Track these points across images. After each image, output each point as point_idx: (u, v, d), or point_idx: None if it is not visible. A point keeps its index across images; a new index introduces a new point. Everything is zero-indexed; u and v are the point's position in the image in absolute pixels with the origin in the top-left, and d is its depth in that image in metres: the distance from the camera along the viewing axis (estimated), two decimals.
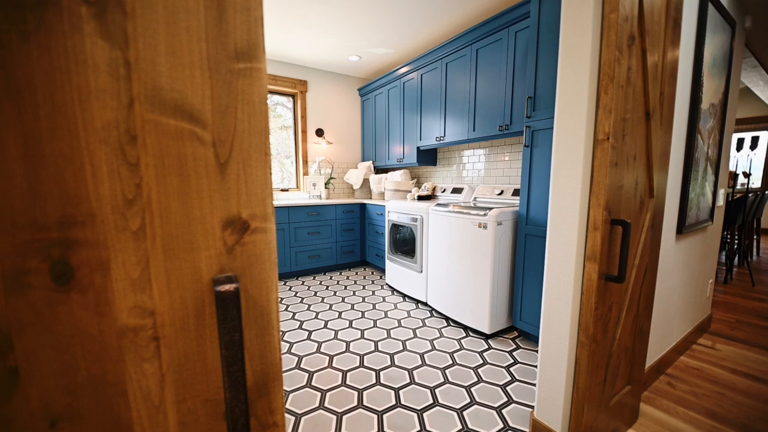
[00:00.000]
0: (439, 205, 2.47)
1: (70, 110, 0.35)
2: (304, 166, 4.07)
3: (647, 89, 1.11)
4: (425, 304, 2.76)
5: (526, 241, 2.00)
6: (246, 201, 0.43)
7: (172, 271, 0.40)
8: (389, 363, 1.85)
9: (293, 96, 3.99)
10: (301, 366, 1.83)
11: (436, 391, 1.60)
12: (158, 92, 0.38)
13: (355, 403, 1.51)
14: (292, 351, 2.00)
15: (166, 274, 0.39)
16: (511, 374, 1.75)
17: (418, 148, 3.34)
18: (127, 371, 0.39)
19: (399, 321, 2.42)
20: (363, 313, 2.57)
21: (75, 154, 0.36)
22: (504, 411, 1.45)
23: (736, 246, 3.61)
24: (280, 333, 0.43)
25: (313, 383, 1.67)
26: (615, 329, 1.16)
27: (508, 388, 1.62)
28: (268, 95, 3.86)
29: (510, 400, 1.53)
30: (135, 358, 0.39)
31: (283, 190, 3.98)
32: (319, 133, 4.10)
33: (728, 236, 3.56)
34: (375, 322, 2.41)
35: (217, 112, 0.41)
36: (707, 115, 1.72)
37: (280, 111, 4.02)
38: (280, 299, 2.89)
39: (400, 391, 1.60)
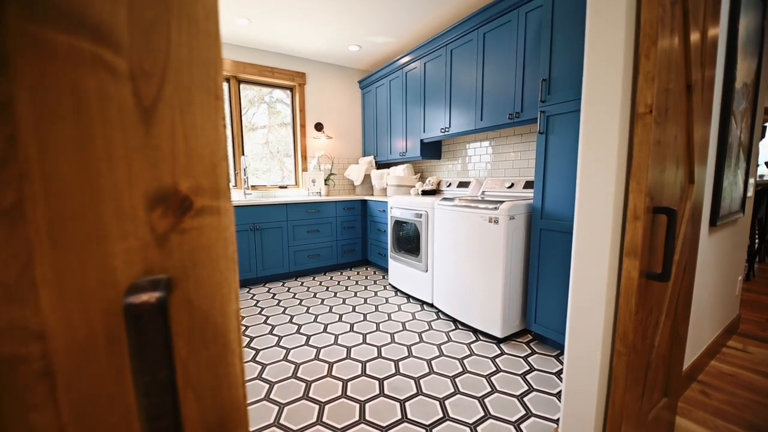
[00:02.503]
0: (445, 199, 2.33)
1: None
2: (303, 161, 3.93)
3: (689, 58, 0.96)
4: (431, 305, 2.62)
5: (541, 236, 1.85)
6: (186, 166, 0.29)
7: (69, 271, 0.26)
8: (393, 371, 1.71)
9: (291, 89, 3.86)
10: (298, 375, 1.69)
11: (446, 403, 1.46)
12: None
13: (357, 418, 1.37)
14: (289, 358, 1.86)
15: (57, 276, 0.25)
16: (527, 383, 1.60)
17: (421, 140, 3.19)
18: (2, 425, 0.25)
19: (403, 324, 2.28)
20: (365, 315, 2.43)
21: None
22: (523, 426, 1.31)
23: (757, 240, 3.44)
24: (244, 360, 0.29)
25: (310, 394, 1.53)
26: (654, 335, 1.01)
27: (525, 399, 1.48)
28: (267, 89, 3.72)
29: (528, 413, 1.38)
30: (15, 405, 0.25)
31: (281, 187, 3.85)
32: (319, 127, 3.96)
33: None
34: (377, 325, 2.27)
35: (137, 28, 0.26)
36: (740, 96, 1.57)
37: (279, 108, 3.88)
38: (277, 302, 2.75)
39: (406, 404, 1.45)
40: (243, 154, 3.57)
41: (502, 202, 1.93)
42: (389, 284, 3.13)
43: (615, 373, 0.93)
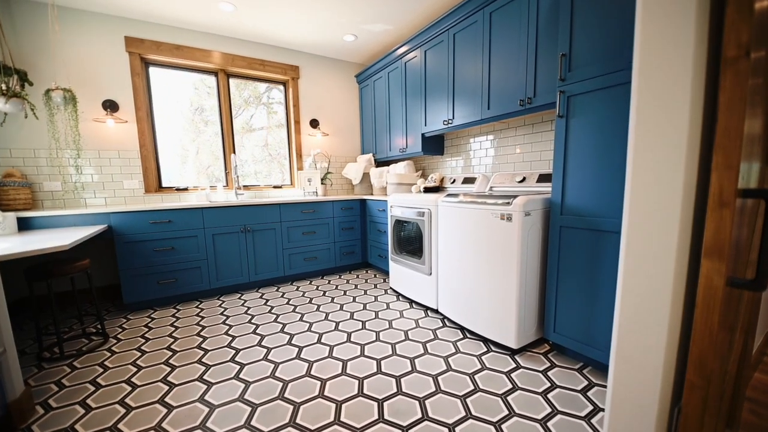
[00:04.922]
0: (449, 195, 2.11)
1: None
2: (298, 160, 3.72)
3: None
4: (436, 311, 2.40)
5: (562, 234, 1.63)
6: None
7: None
8: (395, 389, 1.49)
9: (284, 83, 3.65)
10: (286, 395, 1.47)
11: (457, 429, 1.24)
12: None
13: None
14: (277, 374, 1.64)
15: None
16: (550, 403, 1.38)
17: (422, 135, 2.98)
18: None
19: (406, 333, 2.06)
20: (363, 323, 2.21)
21: None
22: None
23: None
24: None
25: (297, 420, 1.31)
26: (728, 358, 0.79)
27: (549, 425, 1.25)
28: (263, 87, 3.52)
29: None
30: None
31: (275, 187, 3.64)
32: (314, 124, 3.75)
33: None
34: (377, 334, 2.05)
35: None
36: None
37: (276, 108, 3.66)
38: (269, 308, 2.53)
39: (410, 431, 1.24)
40: (233, 153, 3.37)
41: (515, 196, 1.71)
42: (390, 288, 2.91)
43: (686, 410, 0.71)
